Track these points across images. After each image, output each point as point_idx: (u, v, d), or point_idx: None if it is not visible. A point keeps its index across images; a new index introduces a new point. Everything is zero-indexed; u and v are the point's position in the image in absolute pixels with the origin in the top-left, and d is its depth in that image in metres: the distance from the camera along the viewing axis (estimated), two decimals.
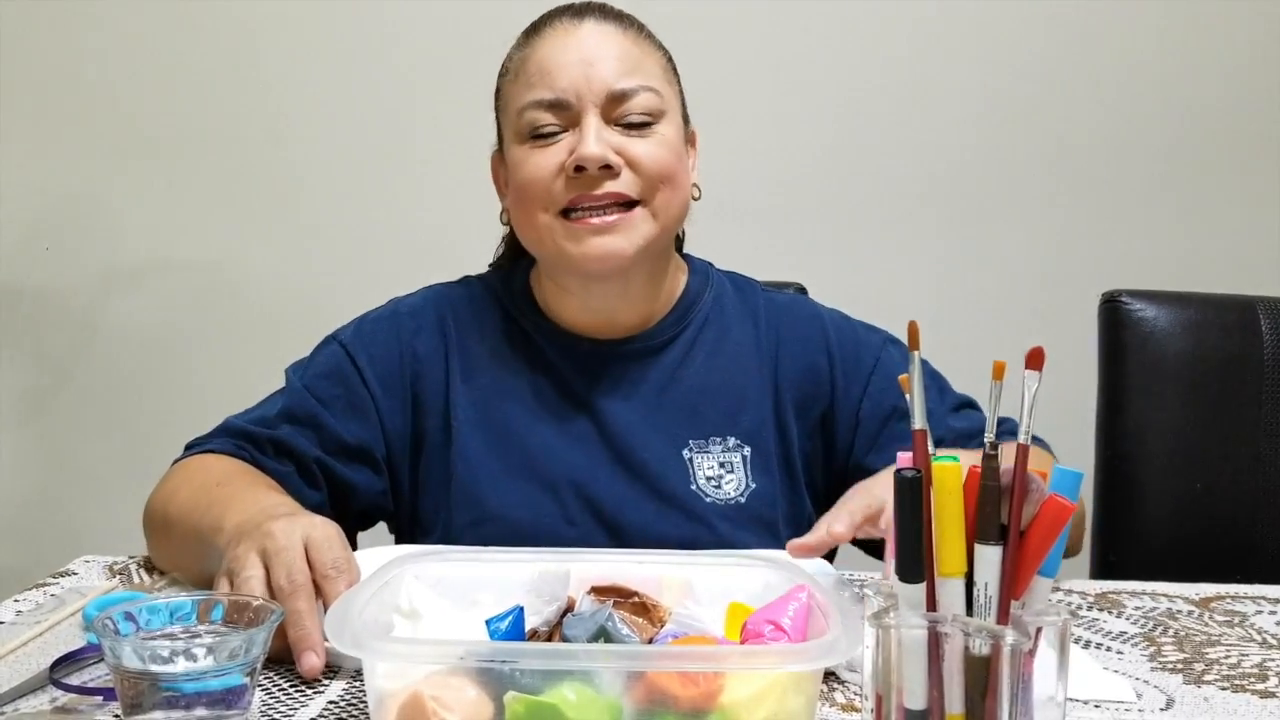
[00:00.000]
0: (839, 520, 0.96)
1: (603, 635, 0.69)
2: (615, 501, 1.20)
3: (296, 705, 0.80)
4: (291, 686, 0.83)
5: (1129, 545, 1.53)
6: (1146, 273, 1.76)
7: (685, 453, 1.22)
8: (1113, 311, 1.56)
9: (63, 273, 2.32)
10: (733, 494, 1.20)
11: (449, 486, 1.21)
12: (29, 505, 2.37)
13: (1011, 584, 0.69)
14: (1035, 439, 1.22)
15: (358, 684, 0.83)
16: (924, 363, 1.31)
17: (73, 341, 2.33)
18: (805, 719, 0.65)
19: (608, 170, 1.13)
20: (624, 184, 1.14)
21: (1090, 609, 1.08)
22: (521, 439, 1.22)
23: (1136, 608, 1.09)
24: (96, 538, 2.29)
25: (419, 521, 1.25)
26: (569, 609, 0.77)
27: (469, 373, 1.24)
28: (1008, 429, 1.20)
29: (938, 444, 1.18)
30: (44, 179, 2.30)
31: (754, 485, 1.21)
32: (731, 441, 1.23)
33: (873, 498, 0.98)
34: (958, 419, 1.26)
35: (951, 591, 0.70)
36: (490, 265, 1.37)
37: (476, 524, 1.19)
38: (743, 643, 0.73)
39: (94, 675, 0.84)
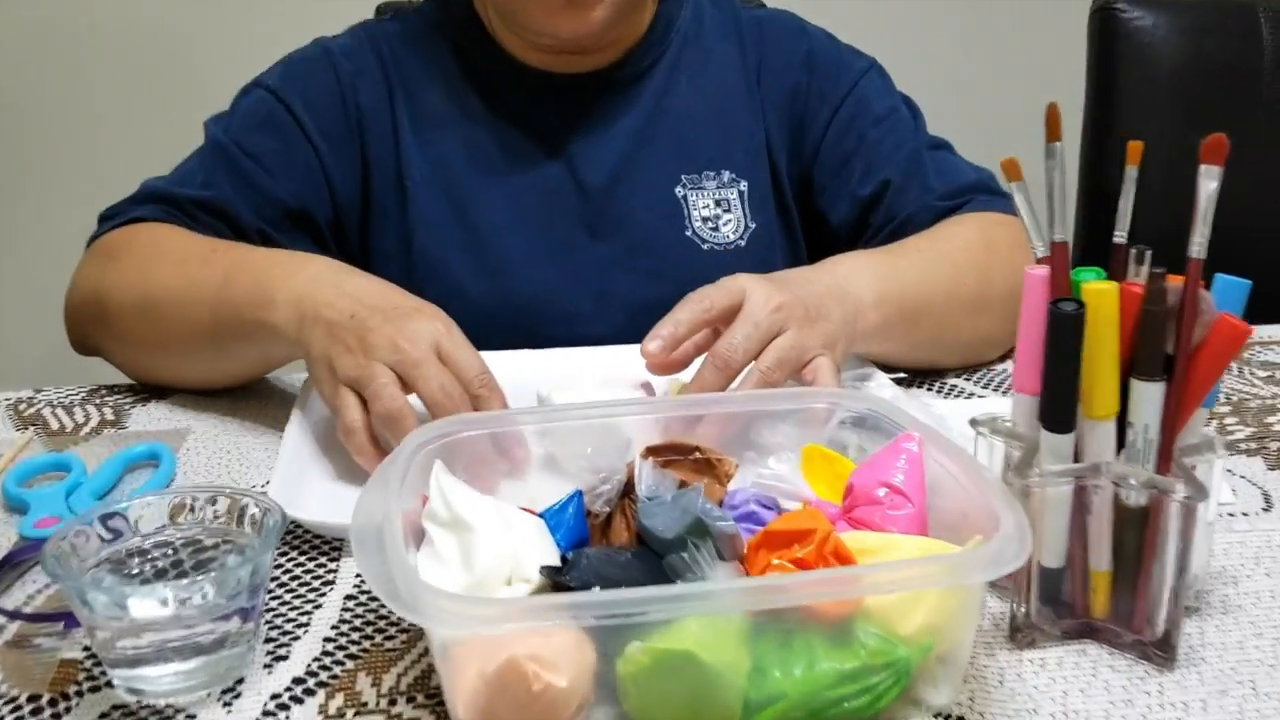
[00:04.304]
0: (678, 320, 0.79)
1: (698, 528, 0.57)
2: (599, 263, 1.07)
3: (311, 609, 0.66)
4: (300, 585, 0.69)
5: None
6: None
7: (679, 190, 1.08)
8: (1106, 20, 1.41)
9: None
10: (732, 237, 1.08)
11: (409, 258, 1.06)
12: None
13: (1174, 425, 0.59)
14: (991, 190, 1.09)
15: None
16: (904, 98, 1.17)
17: None
18: (970, 621, 0.54)
19: None
20: None
21: None
22: (487, 201, 1.06)
23: None
24: None
25: None
26: (629, 481, 0.64)
27: (420, 124, 1.07)
28: (969, 183, 1.07)
29: (915, 216, 1.04)
30: None
31: (753, 225, 1.09)
32: (726, 176, 1.09)
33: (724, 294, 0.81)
34: (940, 178, 1.09)
35: (1102, 436, 0.59)
36: None
37: (442, 300, 1.05)
38: (851, 508, 0.62)
39: (41, 584, 0.69)
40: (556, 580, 0.54)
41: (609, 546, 0.61)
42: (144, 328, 0.94)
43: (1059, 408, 0.58)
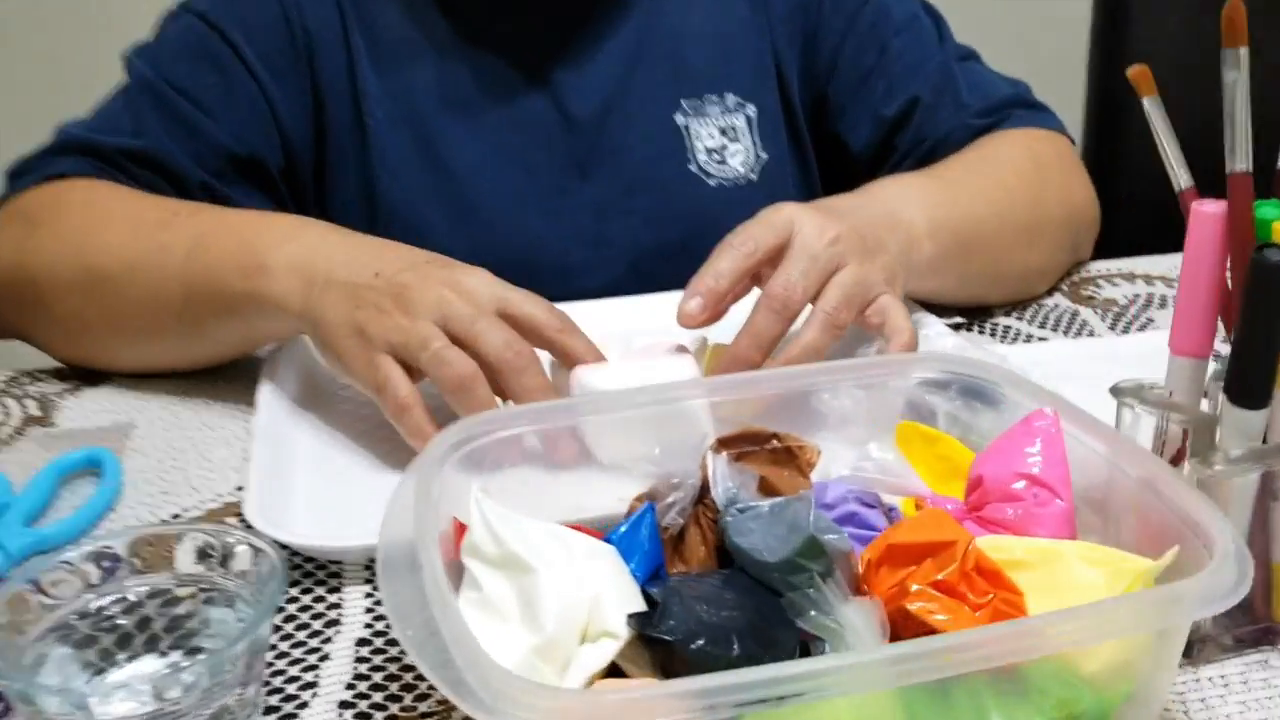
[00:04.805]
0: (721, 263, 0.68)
1: (811, 549, 0.45)
2: (592, 206, 0.94)
3: (316, 660, 0.54)
4: (297, 627, 0.57)
5: (1125, 184, 1.36)
6: None
7: (679, 118, 0.95)
8: None
9: None
10: (741, 170, 0.96)
11: (371, 206, 0.92)
12: None
13: None
14: (1028, 103, 0.99)
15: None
16: (924, 4, 1.05)
17: None
18: (1172, 656, 0.44)
19: None
20: None
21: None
22: (460, 139, 0.92)
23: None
24: None
25: None
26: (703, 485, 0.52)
27: (379, 52, 0.92)
28: (1005, 97, 0.95)
29: (949, 136, 0.94)
30: None
31: (765, 156, 0.96)
32: (731, 100, 0.96)
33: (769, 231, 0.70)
34: (973, 93, 0.97)
35: None
36: None
37: None
38: (979, 505, 0.50)
39: None
40: (647, 633, 0.43)
41: (687, 574, 0.50)
42: (91, 307, 0.79)
43: (1255, 378, 0.47)
